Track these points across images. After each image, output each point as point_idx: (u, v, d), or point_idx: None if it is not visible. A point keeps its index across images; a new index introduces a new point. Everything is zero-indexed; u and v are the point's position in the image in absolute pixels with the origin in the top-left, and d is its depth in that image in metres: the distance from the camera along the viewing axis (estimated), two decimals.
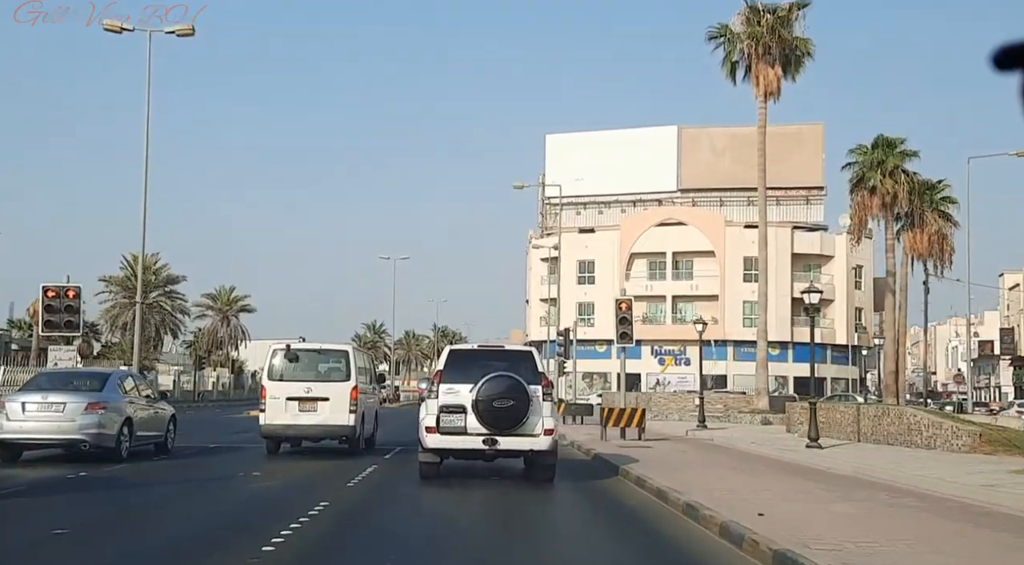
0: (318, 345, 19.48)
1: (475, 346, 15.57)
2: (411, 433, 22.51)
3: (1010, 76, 2.37)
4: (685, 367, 72.26)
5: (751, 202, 73.77)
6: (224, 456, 19.43)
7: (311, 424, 18.67)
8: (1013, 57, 2.38)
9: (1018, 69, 2.37)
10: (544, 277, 75.34)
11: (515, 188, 45.61)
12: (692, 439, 26.14)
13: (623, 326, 24.25)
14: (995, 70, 2.39)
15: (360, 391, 19.14)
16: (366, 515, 11.06)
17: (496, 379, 13.11)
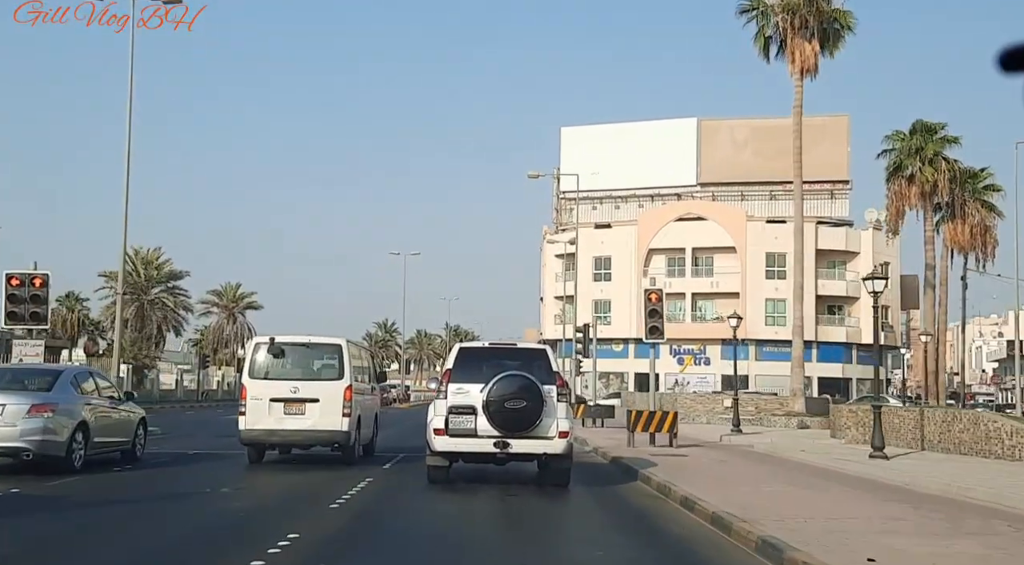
0: (307, 338, 16.91)
1: (486, 344, 14.59)
2: (416, 438, 20.01)
3: (1015, 78, 2.51)
4: (705, 367, 69.58)
5: (774, 196, 71.11)
6: (199, 465, 16.88)
7: (298, 429, 16.12)
8: (1018, 59, 2.50)
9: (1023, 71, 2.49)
10: (559, 274, 72.70)
11: (530, 177, 42.99)
12: (729, 446, 23.47)
13: (653, 319, 21.62)
14: (1000, 72, 2.52)
15: (356, 391, 16.61)
16: (341, 556, 8.44)
17: (508, 378, 12.41)
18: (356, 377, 17.18)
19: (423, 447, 13.79)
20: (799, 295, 35.11)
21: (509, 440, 12.54)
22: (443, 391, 12.98)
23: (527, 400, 12.33)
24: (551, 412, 12.55)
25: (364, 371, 18.47)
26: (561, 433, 12.68)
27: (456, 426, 12.59)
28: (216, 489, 12.83)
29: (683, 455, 19.31)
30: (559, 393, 12.77)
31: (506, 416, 12.39)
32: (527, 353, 13.81)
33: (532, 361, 13.18)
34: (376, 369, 20.00)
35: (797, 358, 33.88)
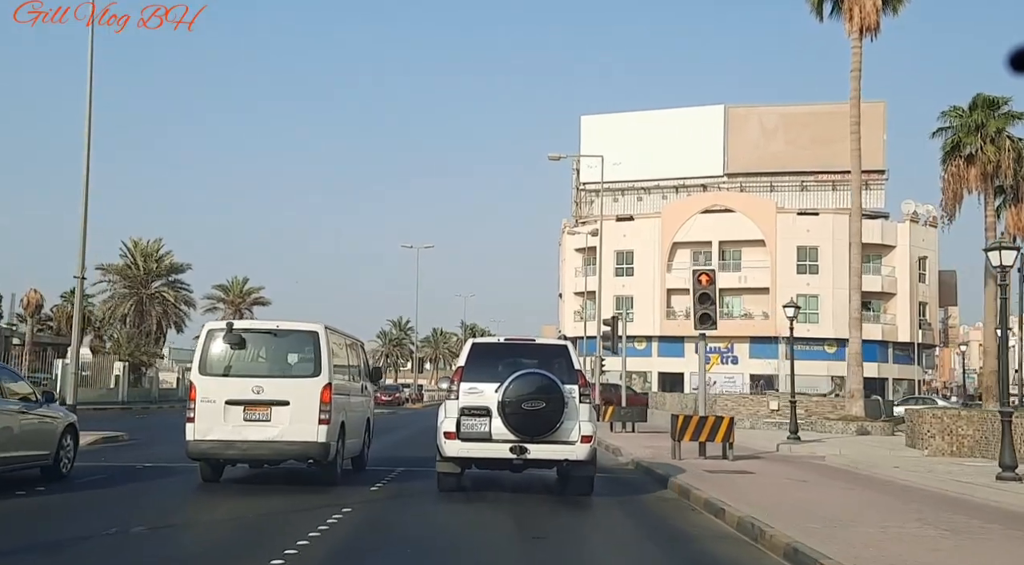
0: (274, 324, 13.16)
1: (501, 339, 13.64)
2: (421, 445, 16.46)
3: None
4: (732, 366, 65.61)
5: (805, 187, 67.10)
6: (138, 485, 13.14)
7: (262, 440, 12.38)
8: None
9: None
10: (579, 269, 68.88)
11: (550, 159, 39.18)
12: (791, 457, 19.59)
13: (704, 305, 17.78)
14: (1010, 72, 2.61)
15: (337, 391, 12.90)
16: None
17: (526, 377, 11.54)
18: (339, 374, 13.48)
19: (427, 458, 12.36)
20: (857, 285, 31.20)
21: (526, 445, 11.53)
22: (454, 391, 11.93)
23: (546, 401, 11.35)
24: (573, 414, 11.60)
25: (352, 368, 14.74)
26: (584, 437, 11.64)
27: (468, 429, 11.63)
28: (127, 527, 9.09)
29: (746, 471, 15.47)
30: (581, 394, 11.79)
31: (523, 418, 11.41)
32: (546, 350, 12.72)
33: (552, 358, 12.17)
34: (369, 365, 16.24)
35: (855, 355, 29.96)
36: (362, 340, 15.94)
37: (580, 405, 11.74)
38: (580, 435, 11.65)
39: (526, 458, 11.68)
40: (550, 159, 39.14)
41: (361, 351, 15.66)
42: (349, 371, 14.36)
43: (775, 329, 63.57)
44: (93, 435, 20.44)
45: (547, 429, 11.50)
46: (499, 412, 11.56)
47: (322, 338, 12.74)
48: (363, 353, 15.95)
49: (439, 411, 12.38)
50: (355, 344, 15.24)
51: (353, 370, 14.78)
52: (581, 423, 11.69)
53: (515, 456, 11.64)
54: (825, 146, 64.51)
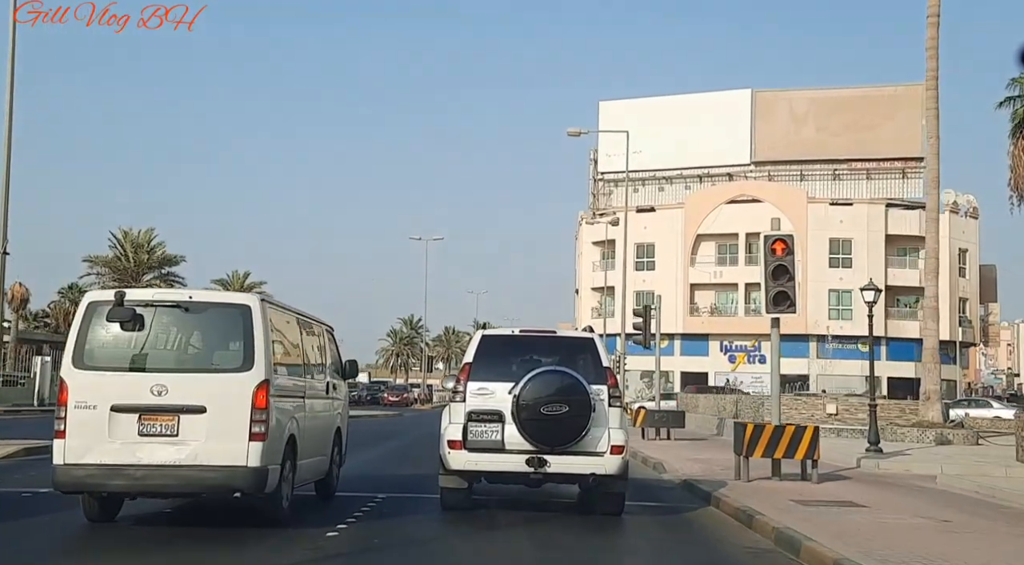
0: (185, 295, 9.07)
1: (515, 331, 11.07)
2: (419, 458, 12.83)
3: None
4: (760, 365, 61.20)
5: (837, 175, 62.75)
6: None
7: (164, 464, 8.31)
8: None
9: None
10: (596, 263, 64.82)
11: (569, 135, 35.24)
12: (890, 477, 15.33)
13: (778, 281, 13.56)
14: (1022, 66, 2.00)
15: (280, 392, 8.88)
16: None
17: (545, 376, 9.84)
18: (287, 368, 9.44)
19: (424, 477, 11.07)
20: (932, 268, 26.96)
21: (546, 456, 9.89)
22: (460, 392, 10.26)
23: (569, 404, 9.76)
24: (601, 420, 9.98)
25: (312, 360, 10.65)
26: (614, 447, 9.99)
27: (477, 437, 10.00)
28: None
29: (850, 503, 11.26)
30: (611, 395, 10.21)
31: (543, 425, 9.80)
32: (569, 343, 11.00)
33: (575, 353, 10.57)
34: (341, 358, 12.10)
35: (931, 351, 25.62)
36: (330, 324, 11.82)
37: (610, 409, 10.03)
38: (610, 445, 9.90)
39: (546, 472, 9.93)
40: (569, 134, 35.19)
41: (328, 339, 11.52)
42: (306, 365, 10.24)
43: (806, 326, 59.21)
44: (14, 446, 16.45)
45: (570, 438, 9.80)
46: (513, 417, 9.85)
47: (256, 316, 8.64)
48: (332, 342, 11.83)
49: (442, 415, 10.52)
50: (317, 328, 11.11)
51: (313, 364, 10.68)
52: (611, 430, 9.95)
53: (532, 470, 9.89)
54: (859, 132, 60.29)
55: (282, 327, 9.50)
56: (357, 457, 17.31)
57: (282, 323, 9.53)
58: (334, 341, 12.04)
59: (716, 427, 27.86)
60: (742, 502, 10.87)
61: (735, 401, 29.06)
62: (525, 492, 11.53)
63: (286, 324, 9.70)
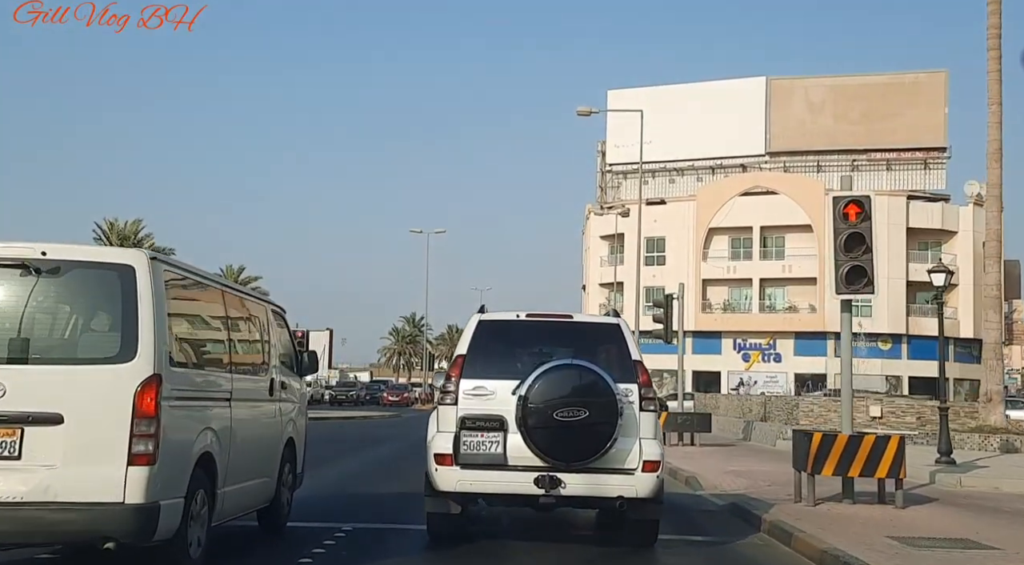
0: (35, 250, 6.07)
1: (521, 315, 8.41)
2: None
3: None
4: (775, 364, 58.55)
5: (856, 166, 59.74)
6: None
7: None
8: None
9: None
10: (604, 258, 62.02)
11: (579, 114, 32.34)
12: (988, 498, 12.36)
13: (851, 254, 10.67)
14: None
15: (182, 391, 6.14)
16: None
17: (559, 372, 7.62)
18: (201, 358, 6.67)
19: (409, 498, 8.81)
20: (994, 252, 24.08)
21: (560, 475, 7.52)
22: (451, 392, 7.84)
23: (590, 408, 7.43)
24: (630, 428, 7.64)
25: (247, 349, 7.87)
26: (647, 464, 7.64)
27: (472, 450, 7.64)
28: None
29: (965, 542, 8.41)
30: (643, 396, 7.77)
31: (556, 435, 7.45)
32: (589, 330, 8.55)
33: (597, 343, 8.24)
34: (297, 349, 9.28)
35: (993, 346, 22.71)
36: (279, 305, 9.02)
37: (641, 414, 7.80)
38: (641, 460, 7.73)
39: (560, 494, 7.67)
40: (579, 114, 32.33)
41: (274, 322, 8.68)
42: (234, 356, 7.40)
43: (823, 323, 56.42)
44: None
45: (592, 451, 7.62)
46: (519, 424, 7.66)
47: (143, 281, 5.84)
48: (283, 328, 9.02)
49: (429, 421, 8.24)
50: (256, 308, 8.29)
51: (248, 355, 7.88)
52: (643, 441, 7.78)
53: (543, 491, 7.62)
54: (879, 121, 57.38)
55: (191, 301, 6.71)
56: (333, 469, 14.53)
57: (191, 295, 6.73)
58: (286, 327, 9.22)
59: (742, 431, 25.02)
60: (825, 540, 8.06)
61: (763, 402, 26.22)
62: (533, 517, 9.24)
63: (199, 297, 6.90)
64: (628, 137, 58.81)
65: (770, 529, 9.28)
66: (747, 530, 9.71)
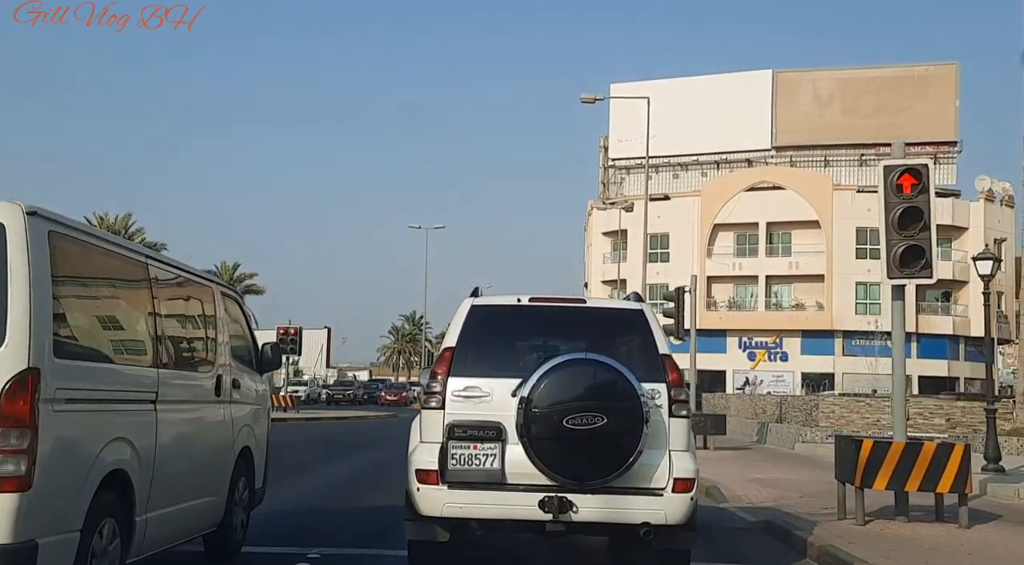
0: None
1: (522, 300, 6.90)
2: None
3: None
4: (781, 363, 56.94)
5: (864, 161, 58.13)
6: None
7: None
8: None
9: None
10: (607, 255, 60.51)
11: (583, 102, 30.94)
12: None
13: (906, 231, 9.09)
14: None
15: (74, 395, 4.62)
16: None
17: (570, 369, 6.13)
18: (100, 345, 5.10)
19: (396, 515, 6.72)
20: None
21: (571, 496, 6.05)
22: (437, 392, 6.34)
23: (608, 413, 5.95)
24: (658, 438, 6.17)
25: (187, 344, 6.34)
26: (679, 483, 6.16)
27: (462, 465, 6.18)
28: None
29: None
30: (673, 399, 6.28)
31: (567, 446, 6.00)
32: (607, 318, 7.00)
33: (616, 334, 6.78)
34: (254, 339, 7.76)
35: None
36: (231, 287, 7.52)
37: (671, 421, 6.28)
38: (672, 478, 6.19)
39: (570, 521, 6.14)
40: (583, 101, 31.01)
41: (221, 307, 7.13)
42: (160, 346, 5.84)
43: (831, 321, 55.01)
44: None
45: (611, 467, 6.09)
46: (520, 433, 6.13)
47: (17, 245, 4.33)
48: (237, 315, 7.50)
49: (411, 431, 6.72)
50: (196, 289, 6.74)
51: (184, 346, 6.35)
52: (673, 455, 6.27)
53: (550, 517, 6.10)
54: (888, 115, 55.73)
55: (97, 275, 5.18)
56: (312, 478, 13.02)
57: (98, 267, 5.20)
58: (243, 314, 7.70)
59: (756, 432, 23.51)
60: None
61: (777, 402, 24.68)
62: (537, 541, 7.76)
63: (110, 271, 5.36)
64: (631, 132, 57.43)
65: (820, 556, 7.76)
66: (789, 556, 8.22)
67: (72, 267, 4.82)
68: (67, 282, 4.71)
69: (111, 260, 5.35)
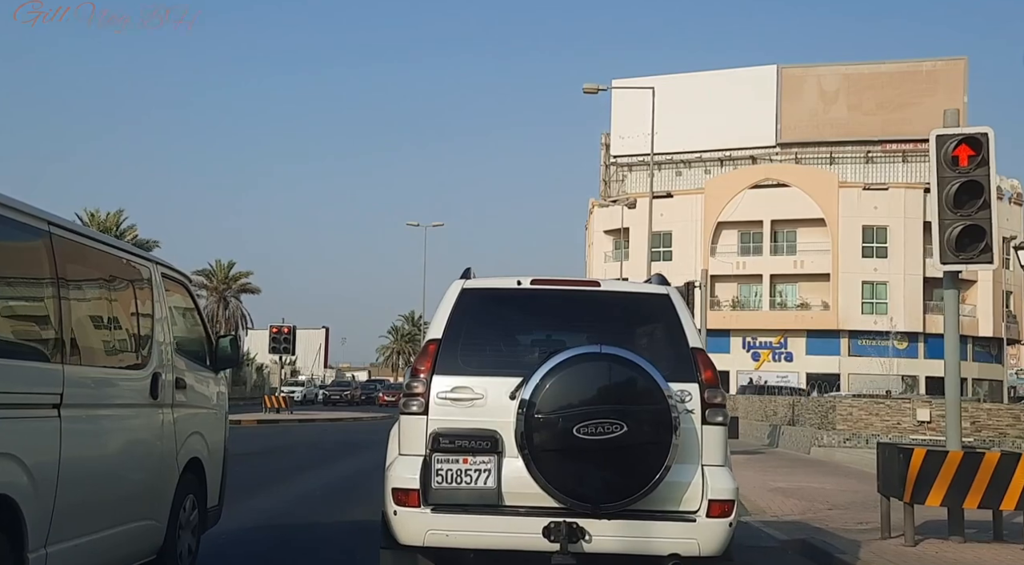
0: None
1: (523, 282, 5.66)
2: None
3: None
4: (786, 363, 55.73)
5: (871, 158, 57.14)
6: None
7: None
8: None
9: None
10: (609, 253, 59.31)
11: (586, 92, 29.76)
12: None
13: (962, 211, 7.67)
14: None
15: None
16: None
17: (582, 365, 5.00)
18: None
19: (375, 537, 5.52)
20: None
21: (584, 522, 4.92)
22: (418, 394, 5.20)
23: (629, 420, 4.85)
24: (688, 451, 5.06)
25: (107, 334, 5.13)
26: (715, 505, 5.03)
27: (449, 483, 5.06)
28: None
29: None
30: (707, 403, 5.18)
31: (578, 461, 4.89)
32: (625, 304, 5.68)
33: (636, 323, 5.61)
34: (208, 331, 6.57)
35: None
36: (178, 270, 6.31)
37: (705, 429, 5.07)
38: (706, 499, 4.98)
39: (582, 552, 4.93)
40: (585, 91, 29.85)
41: (168, 292, 5.93)
42: (68, 336, 4.62)
43: (837, 321, 53.79)
44: None
45: (632, 486, 4.85)
46: (520, 445, 4.91)
47: None
48: (184, 303, 6.31)
49: (389, 440, 5.46)
50: (123, 266, 5.52)
51: (108, 336, 5.17)
52: (708, 471, 5.07)
53: (557, 547, 4.87)
54: (895, 111, 54.69)
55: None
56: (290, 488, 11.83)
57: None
58: (194, 301, 6.51)
59: (768, 435, 22.33)
60: None
61: (790, 404, 23.47)
62: None
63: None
64: (633, 128, 56.26)
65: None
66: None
67: None
68: None
69: None
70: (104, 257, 5.20)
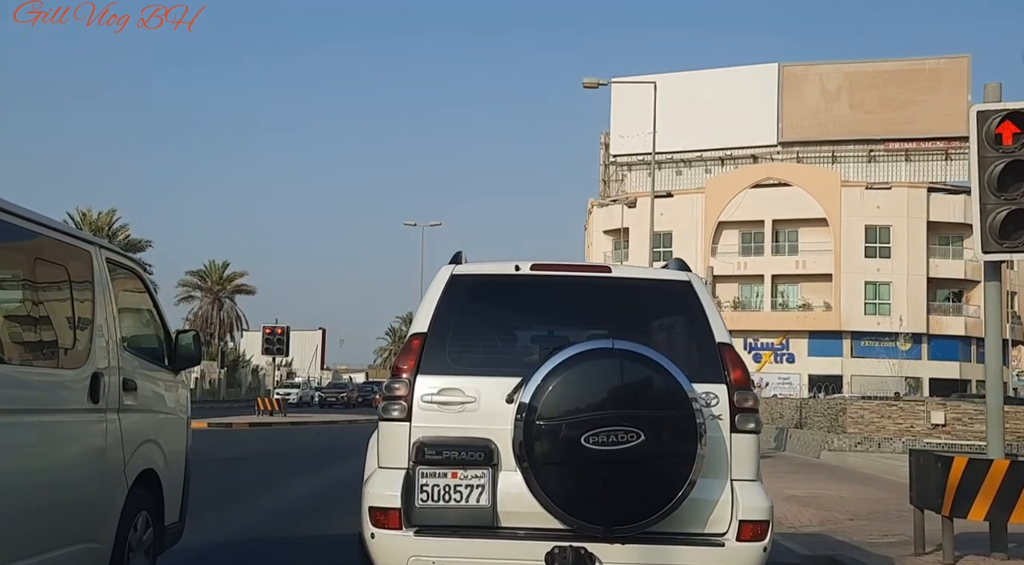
0: None
1: (522, 268, 4.81)
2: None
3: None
4: (788, 365, 55.05)
5: (873, 157, 56.47)
6: None
7: None
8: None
9: None
10: (608, 253, 58.59)
11: (586, 86, 29.10)
12: None
13: (1006, 194, 7.19)
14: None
15: None
16: None
17: (590, 363, 4.22)
18: None
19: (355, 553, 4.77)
20: None
21: (593, 547, 4.22)
22: (400, 397, 4.48)
23: (646, 427, 4.11)
24: (717, 464, 4.37)
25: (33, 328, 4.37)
26: (747, 527, 4.29)
27: (436, 502, 4.33)
28: None
29: None
30: (736, 407, 4.45)
31: (586, 476, 4.13)
32: (640, 292, 4.92)
33: (653, 316, 4.90)
34: (165, 326, 5.83)
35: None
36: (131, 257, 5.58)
37: (734, 438, 4.40)
38: (736, 519, 4.30)
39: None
40: (585, 86, 29.24)
41: (115, 280, 5.17)
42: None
43: (839, 322, 53.13)
44: None
45: (650, 506, 4.17)
46: (519, 456, 4.21)
47: None
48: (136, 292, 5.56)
49: (367, 450, 4.76)
50: (63, 249, 4.76)
51: (34, 330, 4.41)
52: (738, 487, 4.39)
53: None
54: (898, 109, 54.03)
55: None
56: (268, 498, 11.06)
57: None
58: (148, 292, 5.75)
59: (775, 439, 21.61)
60: None
61: (797, 406, 22.75)
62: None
63: None
64: (633, 127, 55.52)
65: None
66: None
67: None
68: None
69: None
70: (32, 237, 4.44)
